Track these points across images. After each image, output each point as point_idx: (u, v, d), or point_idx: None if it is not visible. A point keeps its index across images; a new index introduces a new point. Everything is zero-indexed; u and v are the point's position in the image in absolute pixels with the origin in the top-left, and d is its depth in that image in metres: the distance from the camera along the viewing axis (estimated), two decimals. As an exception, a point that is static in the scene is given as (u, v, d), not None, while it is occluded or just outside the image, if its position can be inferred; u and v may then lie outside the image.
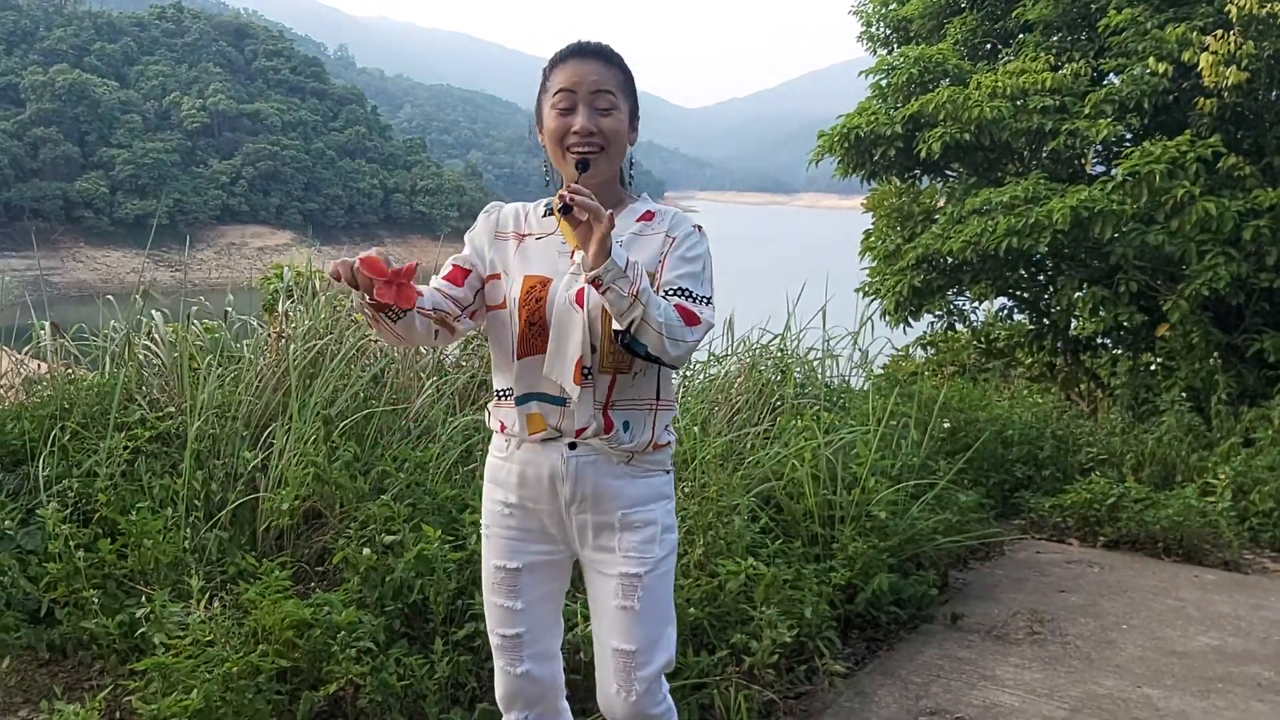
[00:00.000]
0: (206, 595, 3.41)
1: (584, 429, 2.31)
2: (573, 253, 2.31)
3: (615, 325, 2.19)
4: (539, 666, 2.45)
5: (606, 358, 2.29)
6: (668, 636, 2.42)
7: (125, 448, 4.31)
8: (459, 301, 2.35)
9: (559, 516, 2.38)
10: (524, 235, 2.42)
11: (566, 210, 2.09)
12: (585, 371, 2.27)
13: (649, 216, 2.41)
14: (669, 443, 2.44)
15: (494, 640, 2.47)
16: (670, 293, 2.28)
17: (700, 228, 2.42)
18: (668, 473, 2.46)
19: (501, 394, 2.40)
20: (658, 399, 2.38)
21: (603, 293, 2.12)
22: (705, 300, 2.31)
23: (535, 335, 2.30)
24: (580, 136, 2.31)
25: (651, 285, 2.21)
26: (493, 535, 2.44)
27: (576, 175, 2.31)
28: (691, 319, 2.24)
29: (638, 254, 2.27)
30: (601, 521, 2.36)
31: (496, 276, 2.39)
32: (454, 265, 2.39)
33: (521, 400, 2.34)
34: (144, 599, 3.40)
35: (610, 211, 2.12)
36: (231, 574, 3.72)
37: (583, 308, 2.25)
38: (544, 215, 2.43)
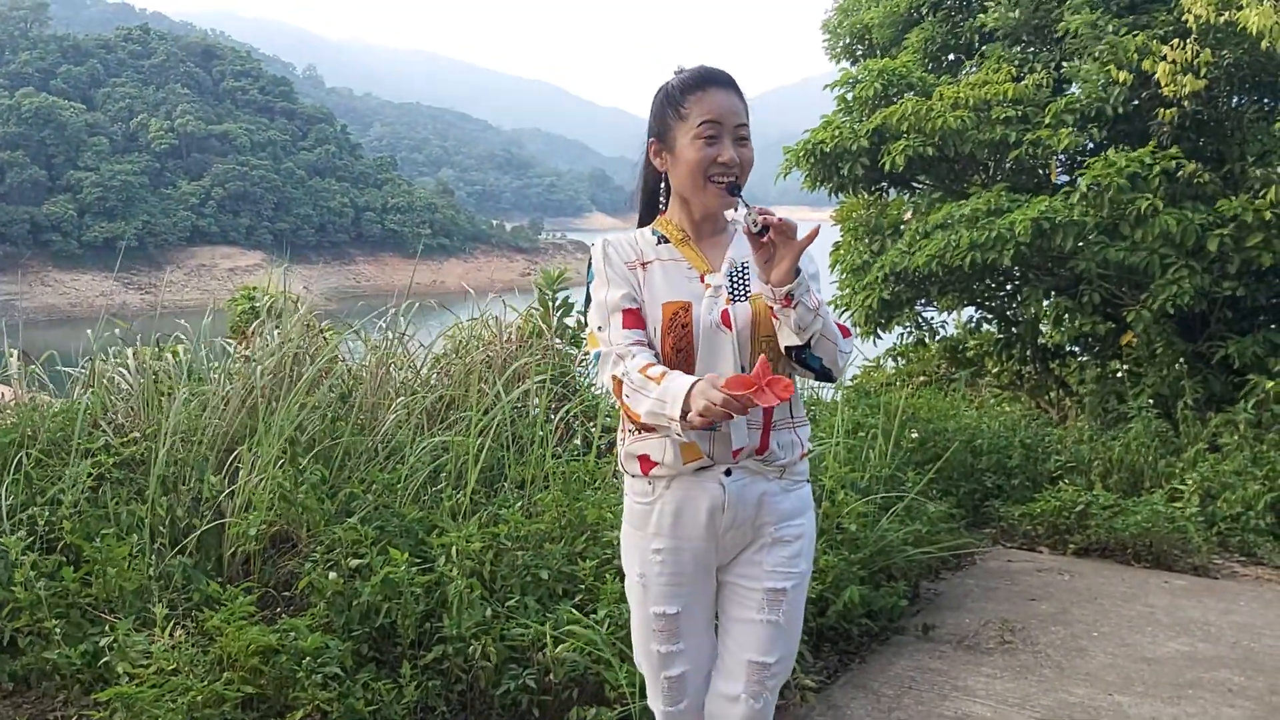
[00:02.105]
0: (171, 623, 3.37)
1: (740, 450, 2.31)
2: (702, 276, 2.35)
3: (793, 341, 2.23)
4: (696, 696, 2.49)
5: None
6: (797, 644, 2.48)
7: (89, 474, 4.27)
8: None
9: (712, 545, 2.39)
10: (647, 263, 2.40)
11: (764, 232, 2.15)
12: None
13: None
14: (810, 450, 2.48)
15: (657, 682, 2.49)
16: None
17: None
18: (809, 481, 2.50)
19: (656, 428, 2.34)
20: (793, 416, 2.41)
21: (793, 307, 2.17)
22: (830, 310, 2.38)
23: (681, 362, 2.30)
24: (726, 167, 2.33)
25: None
26: (649, 584, 2.41)
27: (718, 202, 2.34)
28: (844, 330, 2.32)
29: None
30: (753, 538, 2.40)
31: (641, 306, 2.37)
32: (624, 310, 2.34)
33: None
34: (108, 628, 3.37)
35: (817, 227, 2.20)
36: (196, 601, 3.68)
37: (730, 329, 2.29)
38: (657, 243, 2.42)
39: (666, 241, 2.42)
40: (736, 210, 2.23)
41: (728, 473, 2.33)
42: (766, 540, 2.39)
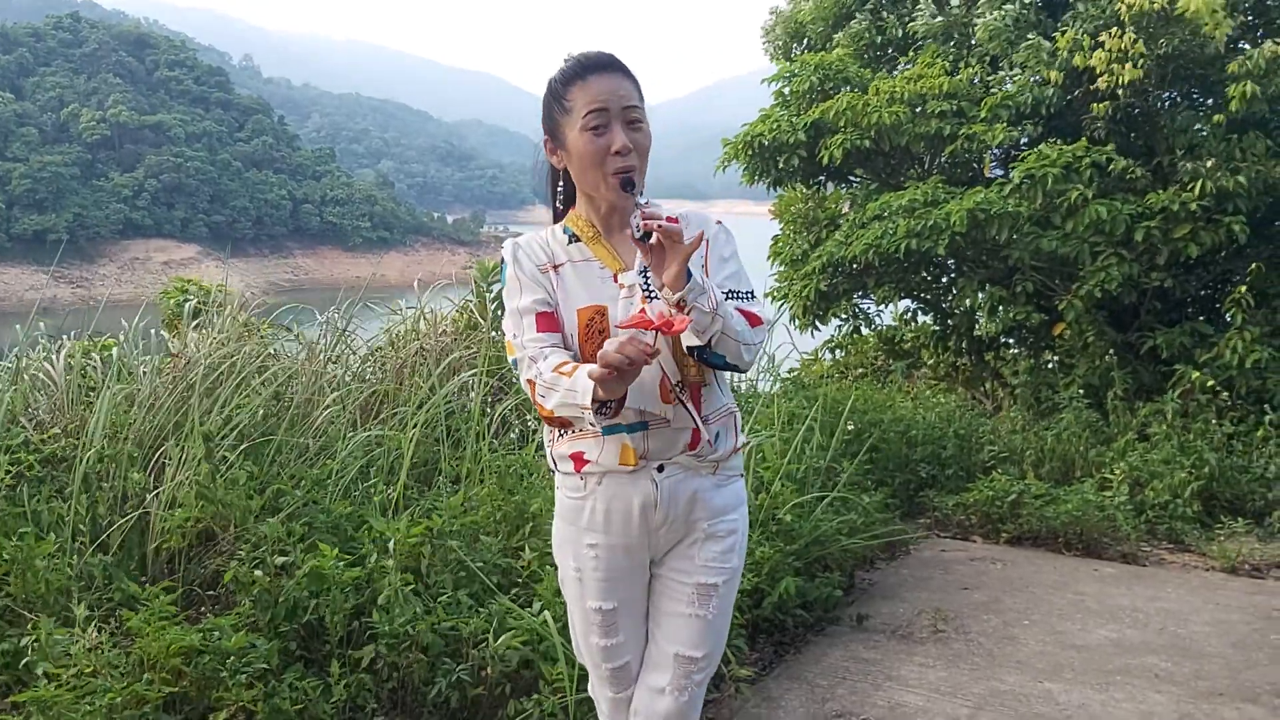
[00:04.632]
0: (92, 624, 3.29)
1: (677, 449, 2.29)
2: (615, 275, 2.28)
3: (694, 341, 2.16)
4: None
5: (685, 372, 2.27)
6: (725, 640, 2.46)
7: (8, 472, 4.16)
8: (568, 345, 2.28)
9: (645, 541, 2.36)
10: (558, 265, 2.33)
11: (647, 237, 2.07)
12: (672, 388, 2.26)
13: (674, 223, 2.33)
14: (744, 444, 2.45)
15: (599, 672, 2.47)
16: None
17: (721, 222, 2.41)
18: (742, 475, 2.46)
19: (579, 425, 2.30)
20: (730, 401, 2.39)
21: (687, 313, 2.09)
22: (751, 295, 2.32)
23: None
24: (621, 156, 2.24)
25: None
26: (586, 578, 2.38)
27: (617, 197, 2.25)
28: (754, 320, 2.25)
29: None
30: (685, 534, 2.37)
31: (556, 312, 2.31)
32: (538, 314, 2.28)
33: (609, 430, 2.27)
34: (30, 627, 3.28)
35: (699, 231, 2.14)
36: (118, 600, 3.60)
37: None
38: (569, 242, 2.35)
39: (578, 240, 2.36)
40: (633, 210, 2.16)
41: (660, 469, 2.30)
42: (699, 535, 2.37)
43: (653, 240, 2.08)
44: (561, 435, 2.34)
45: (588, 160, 2.26)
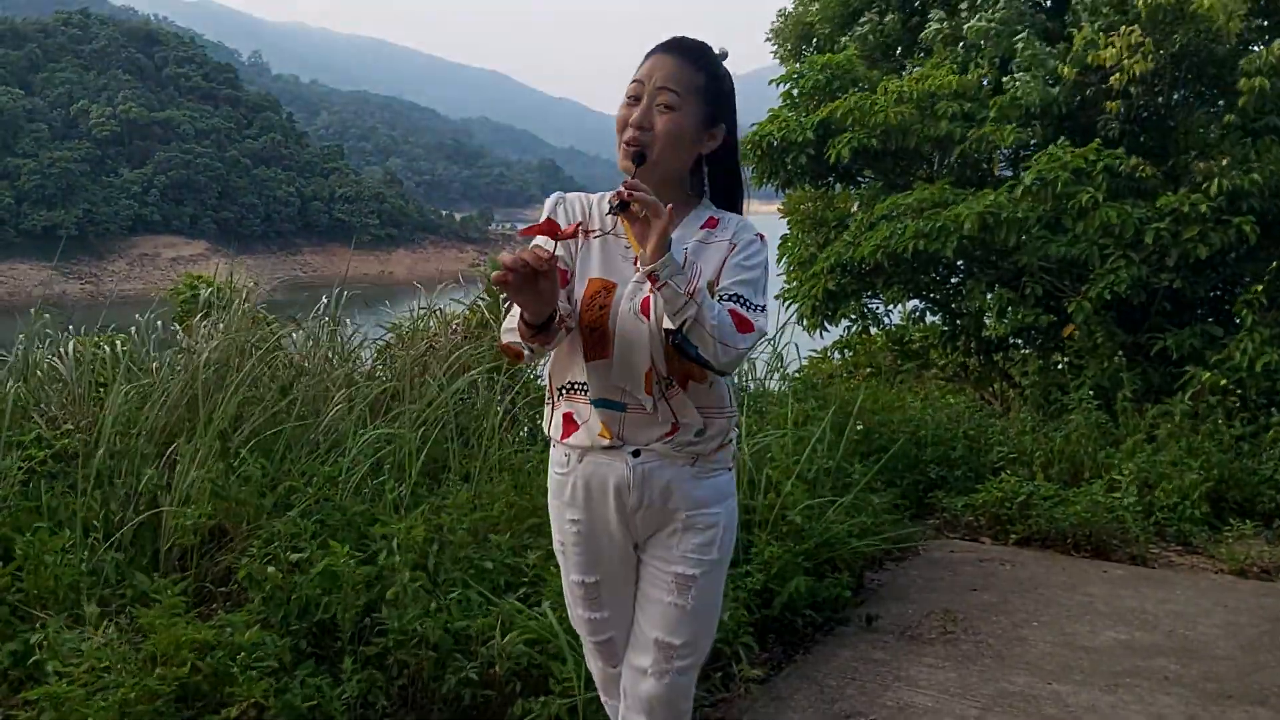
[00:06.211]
0: (104, 620, 3.30)
1: (653, 436, 2.31)
2: (636, 259, 2.26)
3: (667, 324, 2.17)
4: None
5: (677, 367, 2.27)
6: (711, 631, 2.47)
7: (20, 467, 4.17)
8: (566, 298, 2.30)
9: (623, 523, 2.38)
10: (589, 231, 2.36)
11: (624, 207, 2.08)
12: (659, 380, 2.27)
13: (713, 223, 2.38)
14: (731, 440, 2.45)
15: (587, 644, 2.56)
16: (724, 299, 2.25)
17: (762, 236, 2.40)
18: (730, 470, 2.46)
19: (573, 387, 2.35)
20: (727, 407, 2.39)
21: (659, 288, 2.11)
22: (759, 309, 2.30)
23: (597, 342, 2.27)
24: (634, 130, 2.27)
25: (710, 291, 2.22)
26: (568, 552, 2.45)
27: (632, 169, 2.25)
28: (744, 325, 2.22)
29: (703, 261, 2.26)
30: (664, 522, 2.38)
31: (571, 273, 2.34)
32: None
33: (596, 402, 2.32)
34: (39, 625, 3.29)
35: (670, 205, 2.12)
36: (130, 597, 3.61)
37: (649, 318, 2.23)
38: (608, 212, 2.33)
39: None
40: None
41: (636, 454, 2.33)
42: (678, 525, 2.38)
43: (638, 212, 2.09)
44: (560, 395, 2.38)
45: (616, 129, 2.33)
